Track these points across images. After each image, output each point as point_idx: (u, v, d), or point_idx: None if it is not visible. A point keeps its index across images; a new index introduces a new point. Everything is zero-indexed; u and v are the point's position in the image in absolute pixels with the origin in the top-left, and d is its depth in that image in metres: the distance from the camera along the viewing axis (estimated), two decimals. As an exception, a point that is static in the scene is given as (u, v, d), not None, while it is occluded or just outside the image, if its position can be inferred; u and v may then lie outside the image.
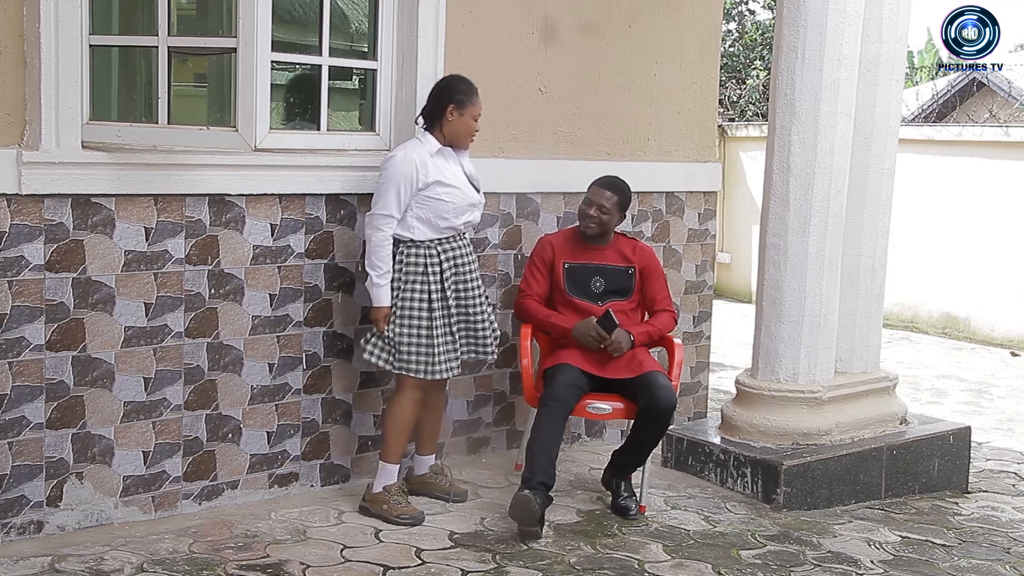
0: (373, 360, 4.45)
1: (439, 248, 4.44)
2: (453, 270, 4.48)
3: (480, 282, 4.61)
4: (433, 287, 4.41)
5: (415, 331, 4.39)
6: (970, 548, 4.76)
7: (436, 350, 4.40)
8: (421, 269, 4.40)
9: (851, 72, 5.15)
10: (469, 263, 4.55)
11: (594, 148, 5.56)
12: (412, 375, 4.42)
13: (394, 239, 4.38)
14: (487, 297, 4.70)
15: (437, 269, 4.42)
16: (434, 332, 4.40)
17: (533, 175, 5.33)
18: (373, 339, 4.45)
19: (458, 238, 4.53)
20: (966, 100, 14.53)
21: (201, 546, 4.04)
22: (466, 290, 4.53)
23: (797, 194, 5.16)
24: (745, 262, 12.10)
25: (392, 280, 4.38)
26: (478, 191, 4.60)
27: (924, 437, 5.56)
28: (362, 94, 5.20)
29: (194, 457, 4.40)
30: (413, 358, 4.40)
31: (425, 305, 4.39)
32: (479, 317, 4.57)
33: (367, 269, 4.37)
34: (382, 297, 4.36)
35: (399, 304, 4.39)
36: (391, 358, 4.43)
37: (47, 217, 3.96)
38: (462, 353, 4.55)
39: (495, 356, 4.73)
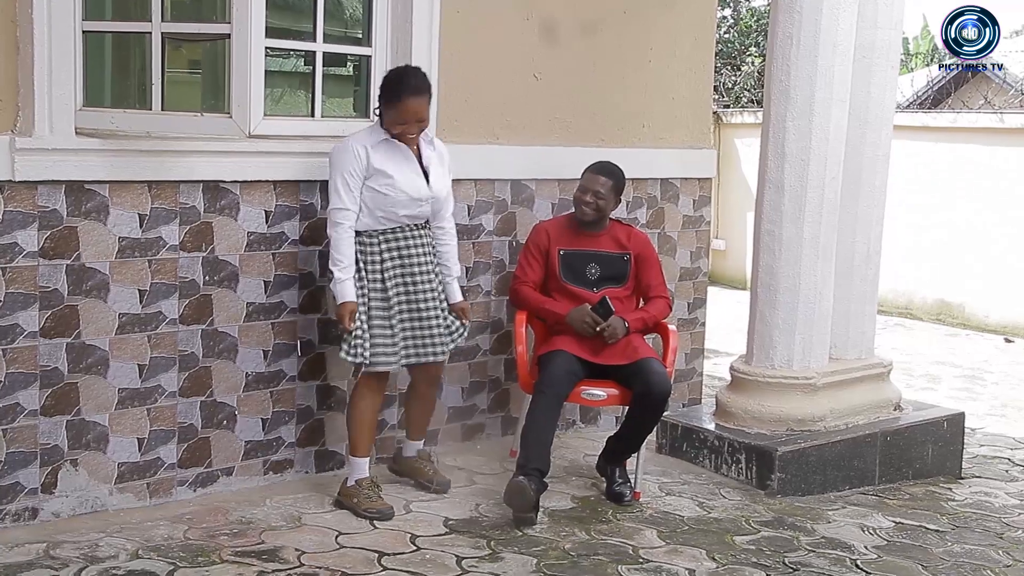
0: (348, 359, 4.31)
1: (380, 238, 4.34)
2: (398, 262, 4.36)
3: (433, 279, 4.45)
4: (370, 277, 4.31)
5: (358, 320, 4.27)
6: (963, 533, 4.77)
7: (371, 341, 4.28)
8: (360, 258, 4.32)
9: (846, 58, 5.15)
10: (419, 256, 4.40)
11: (589, 134, 5.54)
12: (356, 362, 4.33)
13: None
14: (441, 295, 4.49)
15: (376, 259, 4.33)
16: (369, 323, 4.29)
17: (527, 161, 5.32)
18: (345, 336, 4.30)
19: (406, 230, 4.38)
20: (961, 87, 14.51)
21: (196, 533, 4.05)
22: (414, 283, 4.38)
23: (792, 180, 5.16)
24: (740, 249, 12.08)
25: None
26: (430, 185, 4.40)
27: (918, 423, 5.58)
28: (356, 80, 5.19)
29: (189, 444, 4.39)
30: (356, 346, 4.28)
31: (362, 294, 4.29)
32: (429, 314, 4.40)
33: (330, 266, 4.27)
34: (347, 292, 4.25)
35: None
36: (351, 349, 4.31)
37: (41, 204, 3.95)
38: (403, 353, 4.37)
39: (446, 355, 4.57)
